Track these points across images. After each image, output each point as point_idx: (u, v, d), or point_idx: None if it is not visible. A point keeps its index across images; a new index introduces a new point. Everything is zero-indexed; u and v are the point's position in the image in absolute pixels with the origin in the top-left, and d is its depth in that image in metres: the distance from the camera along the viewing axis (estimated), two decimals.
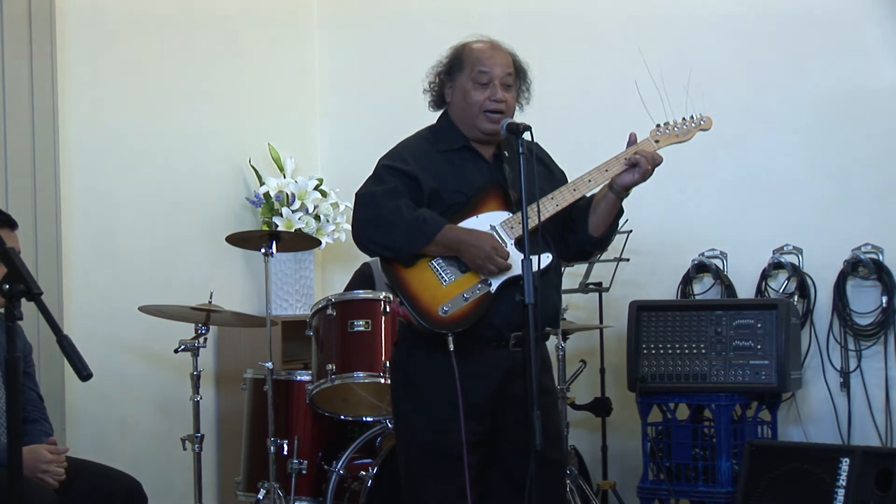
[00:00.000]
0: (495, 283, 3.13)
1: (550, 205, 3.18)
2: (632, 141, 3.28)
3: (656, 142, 3.27)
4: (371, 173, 3.26)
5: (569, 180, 3.34)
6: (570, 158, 3.48)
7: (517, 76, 3.27)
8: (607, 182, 3.23)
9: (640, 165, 3.18)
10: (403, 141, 3.34)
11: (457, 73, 3.27)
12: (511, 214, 3.19)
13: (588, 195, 3.29)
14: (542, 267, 3.12)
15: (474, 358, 3.13)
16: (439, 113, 3.38)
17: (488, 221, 3.18)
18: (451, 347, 3.06)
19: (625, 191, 3.23)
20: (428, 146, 3.28)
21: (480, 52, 3.25)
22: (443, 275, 3.13)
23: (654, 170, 3.21)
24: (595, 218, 3.29)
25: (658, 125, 3.31)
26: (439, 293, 3.11)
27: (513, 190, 3.21)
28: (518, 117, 3.24)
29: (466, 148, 3.28)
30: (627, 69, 4.36)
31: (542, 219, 3.09)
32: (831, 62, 4.78)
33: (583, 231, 3.30)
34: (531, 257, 2.95)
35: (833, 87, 4.77)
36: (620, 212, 3.30)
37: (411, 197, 3.17)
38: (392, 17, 5.90)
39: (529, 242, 2.98)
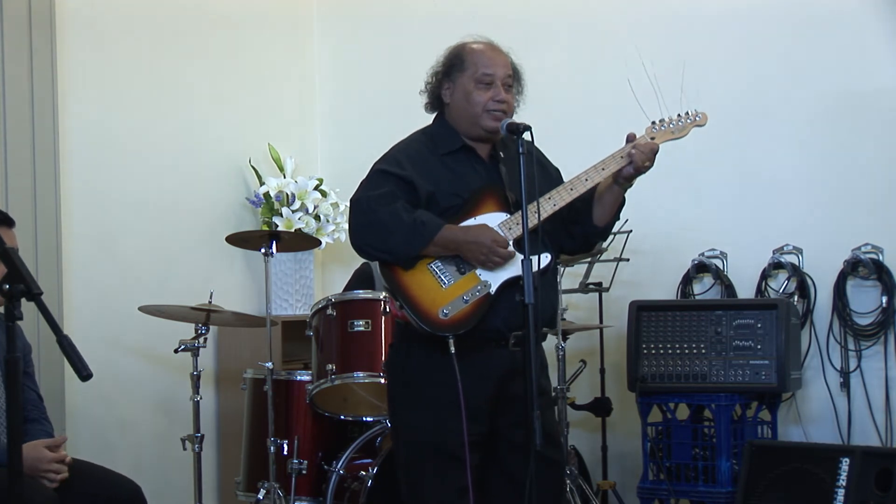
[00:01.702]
0: (495, 285, 3.13)
1: (548, 205, 3.19)
2: (630, 140, 3.29)
3: (652, 138, 3.30)
4: (365, 178, 3.25)
5: (564, 178, 3.35)
6: (567, 157, 3.48)
7: (514, 77, 3.29)
8: (607, 177, 3.25)
9: (633, 160, 3.20)
10: (398, 144, 3.34)
11: (457, 73, 3.27)
12: (508, 215, 3.19)
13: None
14: (541, 267, 3.12)
15: (473, 358, 3.13)
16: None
17: (486, 223, 3.18)
18: (453, 350, 3.07)
19: (627, 182, 3.27)
20: (425, 150, 3.28)
21: (482, 54, 3.26)
22: (442, 277, 3.14)
23: (651, 163, 3.24)
24: (600, 209, 3.31)
25: (653, 122, 3.34)
26: (439, 296, 3.11)
27: (510, 191, 3.22)
28: (515, 115, 3.25)
29: (464, 149, 3.28)
30: (626, 69, 4.36)
31: (541, 219, 3.09)
32: (832, 62, 4.78)
33: (588, 222, 3.32)
34: (531, 257, 2.96)
35: (833, 87, 4.77)
36: (623, 202, 3.34)
37: (407, 200, 3.16)
38: (392, 17, 5.90)
39: (528, 241, 2.98)
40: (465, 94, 3.25)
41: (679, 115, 3.36)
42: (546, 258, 3.19)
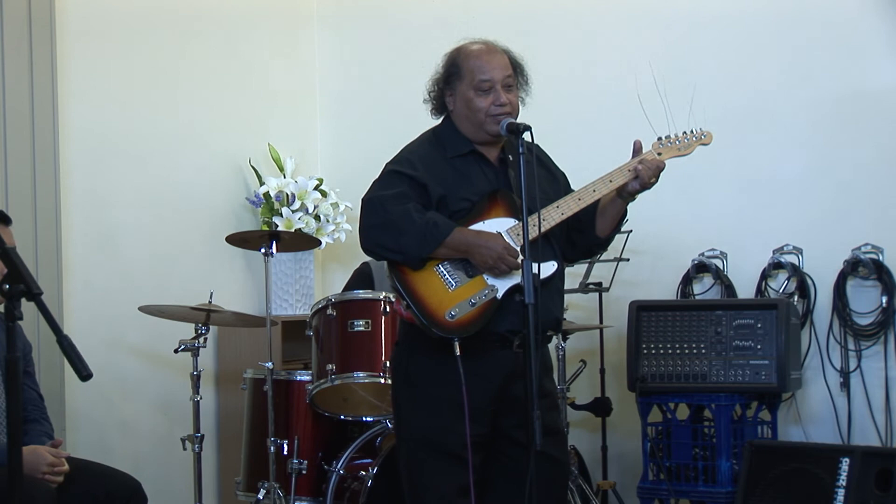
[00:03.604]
0: (501, 290, 3.14)
1: (556, 213, 3.21)
2: (637, 149, 3.31)
3: (658, 154, 3.33)
4: (377, 177, 3.26)
5: (570, 182, 3.37)
6: (569, 159, 3.49)
7: (515, 74, 3.28)
8: (611, 190, 3.27)
9: (639, 176, 3.22)
10: (409, 145, 3.34)
11: (456, 81, 3.27)
12: (516, 221, 3.19)
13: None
14: (548, 275, 3.14)
15: (477, 359, 3.14)
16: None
17: (495, 228, 3.20)
18: (458, 353, 3.07)
19: (631, 196, 3.30)
20: (435, 152, 3.29)
21: (478, 59, 3.25)
22: (450, 280, 3.14)
23: (657, 179, 3.27)
24: (602, 220, 3.34)
25: (660, 138, 3.38)
26: (446, 298, 3.12)
27: (518, 196, 3.21)
28: (522, 109, 3.26)
29: (473, 153, 3.28)
30: (629, 73, 4.37)
31: (549, 227, 3.11)
32: (832, 63, 4.78)
33: (590, 233, 3.36)
34: (536, 263, 2.97)
35: (833, 87, 4.77)
36: (625, 214, 3.37)
37: (419, 202, 3.17)
38: (392, 17, 5.89)
39: (536, 250, 2.99)
40: (465, 101, 3.25)
41: (685, 132, 3.39)
42: (552, 266, 3.20)
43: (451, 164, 3.26)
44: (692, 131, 3.40)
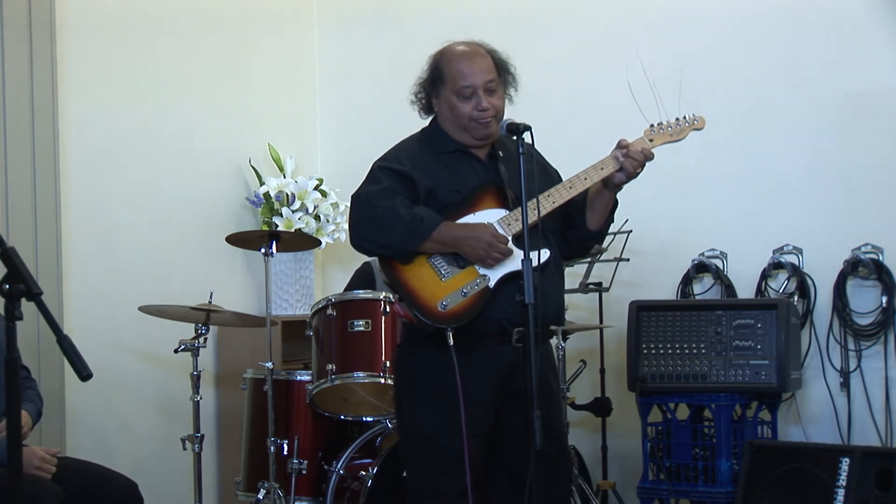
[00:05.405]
0: (494, 279, 3.15)
1: (547, 202, 3.21)
2: (623, 145, 3.31)
3: (650, 141, 3.33)
4: (366, 175, 3.28)
5: (564, 178, 3.37)
6: (565, 157, 3.49)
7: (499, 75, 3.28)
8: (602, 179, 3.26)
9: (624, 167, 3.22)
10: (398, 144, 3.38)
11: (440, 86, 3.29)
12: (507, 212, 3.20)
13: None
14: (541, 262, 3.13)
15: (477, 354, 3.16)
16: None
17: (485, 219, 3.20)
18: (451, 342, 3.08)
19: (617, 187, 3.29)
20: (423, 148, 3.32)
21: (460, 63, 3.25)
22: (441, 271, 3.16)
23: (643, 168, 3.26)
24: (592, 213, 3.34)
25: (652, 125, 3.37)
26: (438, 289, 3.14)
27: (510, 189, 3.23)
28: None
29: (461, 150, 3.31)
30: (626, 71, 4.35)
31: (540, 216, 3.11)
32: (832, 62, 4.78)
33: (581, 226, 3.36)
34: (533, 253, 2.97)
35: (834, 88, 4.77)
36: (615, 204, 3.36)
37: (407, 196, 3.19)
38: (392, 16, 5.90)
39: (529, 238, 2.99)
40: (449, 106, 3.28)
41: (677, 118, 3.39)
42: (546, 253, 3.20)
43: (439, 160, 3.29)
44: (685, 117, 3.39)
